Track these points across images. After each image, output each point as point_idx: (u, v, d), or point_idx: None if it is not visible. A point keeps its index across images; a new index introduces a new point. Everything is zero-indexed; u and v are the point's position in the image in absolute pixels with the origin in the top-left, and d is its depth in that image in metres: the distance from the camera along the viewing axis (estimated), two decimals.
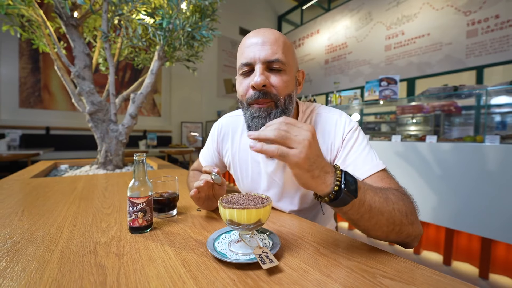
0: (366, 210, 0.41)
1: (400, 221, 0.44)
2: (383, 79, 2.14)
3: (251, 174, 0.73)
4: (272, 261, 0.36)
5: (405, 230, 0.45)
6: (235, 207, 0.38)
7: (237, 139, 0.76)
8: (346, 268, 0.38)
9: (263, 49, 0.56)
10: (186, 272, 0.36)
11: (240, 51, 0.61)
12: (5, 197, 0.77)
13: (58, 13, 1.27)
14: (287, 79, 0.58)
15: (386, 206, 0.43)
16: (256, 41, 0.57)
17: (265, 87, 0.56)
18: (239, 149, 0.75)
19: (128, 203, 0.49)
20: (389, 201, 0.43)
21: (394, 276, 0.36)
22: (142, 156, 0.51)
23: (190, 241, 0.47)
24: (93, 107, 1.45)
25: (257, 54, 0.56)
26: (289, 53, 0.59)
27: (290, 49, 0.60)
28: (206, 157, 0.85)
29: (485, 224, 1.50)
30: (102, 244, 0.45)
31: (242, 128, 0.75)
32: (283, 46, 0.58)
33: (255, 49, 0.56)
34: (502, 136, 1.55)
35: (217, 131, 0.81)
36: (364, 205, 0.40)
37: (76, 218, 0.58)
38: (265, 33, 0.58)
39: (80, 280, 0.33)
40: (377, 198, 0.42)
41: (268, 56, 0.56)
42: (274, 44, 0.57)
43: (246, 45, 0.58)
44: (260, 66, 0.56)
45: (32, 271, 0.36)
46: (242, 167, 0.75)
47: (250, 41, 0.58)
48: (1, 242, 0.45)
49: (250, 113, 0.59)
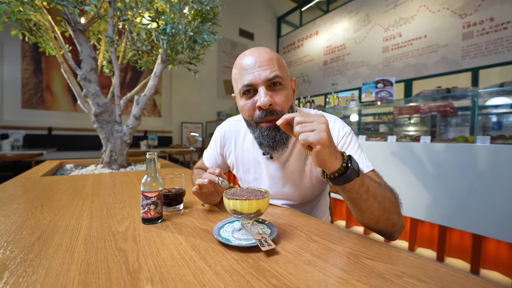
0: (364, 191, 0.48)
1: (389, 208, 0.51)
2: (379, 81, 2.20)
3: (253, 174, 0.78)
4: (270, 245, 0.42)
5: (392, 218, 0.52)
6: (238, 198, 0.44)
7: (240, 141, 0.81)
8: (334, 252, 0.44)
9: (262, 69, 0.60)
10: (196, 254, 0.42)
11: (238, 74, 0.64)
12: (22, 193, 0.82)
13: (66, 18, 1.33)
14: (287, 93, 0.63)
15: (379, 191, 0.50)
16: (253, 63, 0.61)
17: (271, 106, 0.61)
18: (242, 151, 0.80)
19: (141, 197, 0.55)
20: (381, 188, 0.51)
21: (374, 258, 0.42)
22: (153, 154, 0.57)
23: (197, 230, 0.53)
24: (98, 109, 1.50)
25: (257, 76, 0.60)
26: (283, 67, 0.64)
27: (283, 63, 0.65)
28: (210, 158, 0.90)
29: (476, 222, 1.56)
30: (119, 232, 0.50)
31: (244, 131, 0.80)
32: (277, 62, 0.62)
33: (254, 71, 0.60)
34: (493, 136, 1.62)
35: (220, 135, 0.86)
36: (363, 185, 0.48)
37: (92, 212, 0.64)
38: (260, 54, 0.62)
39: (106, 260, 0.39)
40: (373, 183, 0.50)
41: (267, 76, 0.60)
42: (270, 63, 0.61)
43: (244, 68, 0.62)
44: (263, 87, 0.60)
45: (63, 253, 0.41)
46: (245, 167, 0.80)
47: (247, 64, 0.61)
48: (30, 231, 0.50)
49: (260, 132, 0.64)
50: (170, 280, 0.34)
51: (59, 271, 0.36)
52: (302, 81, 5.61)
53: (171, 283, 0.33)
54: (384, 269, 0.38)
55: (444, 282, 0.35)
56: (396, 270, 0.38)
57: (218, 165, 0.89)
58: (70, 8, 1.19)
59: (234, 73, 0.67)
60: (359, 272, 0.37)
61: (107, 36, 1.39)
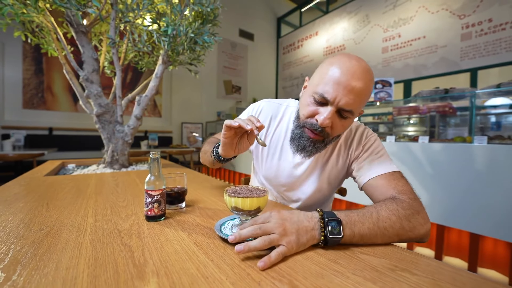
0: (358, 239, 0.46)
1: (396, 234, 0.49)
2: (378, 81, 2.22)
3: (277, 161, 0.78)
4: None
5: (405, 237, 0.50)
6: (239, 196, 0.46)
7: (274, 125, 0.80)
8: (331, 247, 0.46)
9: (345, 93, 0.56)
10: (199, 249, 0.43)
11: (325, 75, 0.59)
12: (27, 192, 0.84)
13: (68, 20, 1.35)
14: (347, 125, 0.63)
15: (377, 229, 0.47)
16: (344, 81, 0.56)
17: (325, 128, 0.61)
18: (273, 135, 0.80)
19: (145, 195, 0.57)
20: (379, 222, 0.48)
21: (369, 253, 0.44)
22: (157, 154, 0.58)
23: (199, 227, 0.55)
24: (100, 109, 1.52)
25: (337, 98, 0.57)
26: (365, 101, 0.61)
27: (368, 94, 0.60)
28: None
29: (473, 221, 1.58)
30: (124, 229, 0.52)
31: (281, 117, 0.80)
32: (363, 97, 0.59)
33: (339, 90, 0.56)
34: (490, 136, 1.64)
35: (256, 110, 0.83)
36: (355, 237, 0.46)
37: (97, 210, 0.65)
38: (358, 79, 0.56)
39: (113, 255, 0.41)
40: (367, 226, 0.47)
41: (344, 105, 0.57)
42: (358, 96, 0.57)
43: (333, 78, 0.57)
44: (333, 110, 0.58)
45: (71, 248, 0.43)
46: (270, 151, 0.80)
47: (337, 77, 0.56)
48: (38, 228, 0.52)
49: (300, 132, 0.65)
50: (174, 273, 0.36)
51: (68, 265, 0.38)
52: (302, 82, 5.62)
53: (175, 275, 0.35)
54: (378, 263, 0.40)
55: (434, 275, 0.37)
56: (390, 264, 0.40)
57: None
58: (73, 10, 1.20)
59: (323, 67, 0.61)
60: (354, 266, 0.39)
61: (109, 37, 1.41)
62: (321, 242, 0.44)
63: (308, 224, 0.45)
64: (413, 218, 0.51)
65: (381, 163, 0.65)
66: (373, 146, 0.70)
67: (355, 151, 0.71)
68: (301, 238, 0.43)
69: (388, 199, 0.56)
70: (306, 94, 0.64)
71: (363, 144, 0.71)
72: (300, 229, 0.44)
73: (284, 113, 0.80)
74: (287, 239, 0.42)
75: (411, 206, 0.53)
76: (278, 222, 0.44)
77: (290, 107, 0.81)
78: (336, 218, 0.45)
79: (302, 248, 0.44)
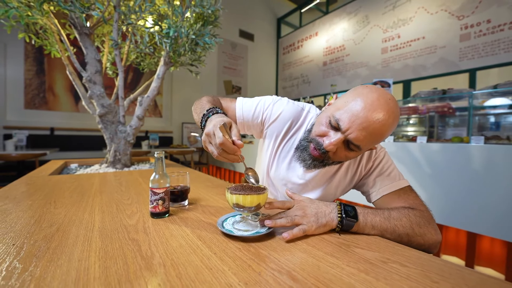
0: (369, 229, 0.53)
1: (406, 233, 0.54)
2: (377, 82, 2.24)
3: (287, 165, 0.77)
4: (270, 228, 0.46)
5: (414, 240, 0.54)
6: (241, 193, 0.48)
7: (293, 129, 0.77)
8: (328, 242, 0.48)
9: (359, 130, 0.55)
10: (203, 244, 0.46)
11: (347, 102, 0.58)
12: (34, 191, 0.87)
13: (72, 23, 1.37)
14: (351, 157, 0.62)
15: (387, 223, 0.53)
16: (362, 118, 0.54)
17: (329, 151, 0.61)
18: (289, 139, 0.77)
19: (150, 193, 0.59)
20: (391, 219, 0.54)
21: (364, 247, 0.46)
22: (161, 154, 0.61)
23: (202, 223, 0.57)
24: (103, 110, 1.54)
25: (350, 130, 0.56)
26: (378, 141, 0.59)
27: (384, 137, 0.58)
28: (248, 109, 0.78)
29: (471, 220, 1.60)
30: (130, 225, 0.55)
31: (301, 122, 0.77)
32: (377, 138, 0.57)
33: (354, 123, 0.55)
34: (487, 136, 1.66)
35: (277, 109, 0.77)
36: (367, 225, 0.53)
37: (103, 207, 0.68)
38: (377, 120, 0.54)
39: (121, 249, 0.43)
40: (378, 219, 0.53)
41: (354, 139, 0.56)
42: (371, 135, 0.55)
43: (353, 110, 0.56)
44: (341, 138, 0.57)
45: (81, 243, 0.46)
46: (281, 154, 0.78)
47: (358, 111, 0.55)
48: (48, 224, 0.55)
49: (306, 145, 0.66)
50: (180, 264, 0.38)
51: (80, 257, 0.40)
52: (302, 82, 5.65)
53: (181, 267, 0.38)
54: (372, 256, 0.43)
55: (424, 267, 0.39)
56: (383, 257, 0.42)
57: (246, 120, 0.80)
58: (77, 13, 1.23)
59: (351, 94, 0.60)
60: (348, 258, 0.41)
61: (112, 39, 1.43)
62: (338, 224, 0.52)
63: (326, 208, 0.54)
64: (424, 226, 0.55)
65: (392, 180, 0.67)
66: (382, 161, 0.71)
67: (365, 166, 0.73)
68: (320, 219, 0.51)
69: (401, 207, 0.60)
70: (325, 113, 0.63)
71: (373, 159, 0.72)
72: (319, 213, 0.53)
73: (304, 119, 0.78)
74: (307, 219, 0.51)
75: (423, 215, 0.57)
76: (300, 208, 0.54)
77: (310, 113, 0.79)
78: (352, 205, 0.54)
79: (321, 229, 0.51)
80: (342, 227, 0.52)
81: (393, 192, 0.65)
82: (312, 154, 0.64)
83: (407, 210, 0.58)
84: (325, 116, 0.62)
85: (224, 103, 0.82)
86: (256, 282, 0.34)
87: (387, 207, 0.63)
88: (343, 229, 0.52)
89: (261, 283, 0.34)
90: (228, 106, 0.81)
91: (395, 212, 0.56)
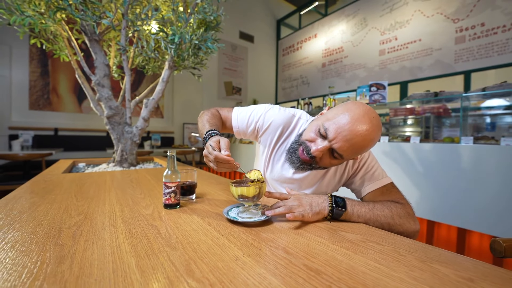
0: (356, 217, 0.62)
1: (387, 223, 0.63)
2: (372, 84, 2.32)
3: (281, 167, 0.84)
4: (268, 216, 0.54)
5: (395, 229, 0.63)
6: (245, 185, 0.57)
7: (285, 134, 0.84)
8: (318, 227, 0.56)
9: (343, 141, 0.61)
10: (211, 228, 0.54)
11: (336, 115, 0.64)
12: (54, 187, 0.95)
13: (83, 29, 1.46)
14: (335, 163, 0.69)
15: (371, 214, 0.62)
16: (347, 131, 0.61)
17: (315, 157, 0.67)
18: (281, 144, 0.84)
19: (163, 187, 0.67)
20: (375, 210, 0.63)
21: (348, 231, 0.54)
22: (173, 152, 0.69)
23: (209, 213, 0.65)
24: (111, 111, 1.62)
25: (335, 140, 0.62)
26: (359, 153, 0.66)
27: (364, 150, 0.65)
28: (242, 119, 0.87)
29: (460, 216, 1.68)
30: (147, 214, 0.63)
31: (292, 127, 0.84)
32: (358, 150, 0.63)
33: (339, 135, 0.61)
34: (476, 137, 1.74)
35: (269, 117, 0.84)
36: (353, 214, 0.61)
37: (120, 200, 0.76)
38: (359, 135, 0.60)
39: (143, 232, 0.52)
40: (364, 209, 0.62)
41: (337, 149, 0.63)
42: (353, 147, 0.62)
43: (340, 122, 0.62)
44: (327, 146, 0.64)
45: (109, 227, 0.54)
46: (275, 157, 0.85)
47: (344, 124, 0.61)
48: (76, 213, 0.63)
49: (296, 147, 0.73)
50: (194, 243, 0.47)
51: (111, 238, 0.48)
52: (301, 83, 5.73)
53: (196, 244, 0.46)
54: (354, 237, 0.51)
55: (396, 245, 0.48)
56: (363, 238, 0.51)
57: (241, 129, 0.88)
58: (89, 21, 1.31)
59: (341, 108, 0.66)
60: (334, 239, 0.50)
61: (120, 45, 1.51)
62: (329, 212, 0.60)
63: (319, 199, 0.62)
64: (403, 216, 0.65)
65: (376, 178, 0.76)
66: (367, 162, 0.79)
67: (352, 167, 0.80)
68: (314, 208, 0.60)
69: (385, 200, 0.70)
70: (317, 121, 0.69)
71: (359, 160, 0.79)
72: (313, 202, 0.61)
73: (295, 124, 0.84)
74: (303, 208, 0.59)
75: (403, 207, 0.67)
76: (296, 199, 0.62)
77: (301, 119, 0.85)
78: (342, 197, 0.63)
79: (316, 216, 0.60)
80: (332, 215, 0.60)
81: (378, 189, 0.74)
82: (301, 158, 0.70)
83: (390, 203, 0.67)
84: (316, 124, 0.68)
85: (223, 113, 0.94)
86: (257, 254, 0.42)
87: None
88: (333, 217, 0.61)
89: (261, 255, 0.42)
90: (227, 117, 0.92)
91: (379, 204, 0.66)
